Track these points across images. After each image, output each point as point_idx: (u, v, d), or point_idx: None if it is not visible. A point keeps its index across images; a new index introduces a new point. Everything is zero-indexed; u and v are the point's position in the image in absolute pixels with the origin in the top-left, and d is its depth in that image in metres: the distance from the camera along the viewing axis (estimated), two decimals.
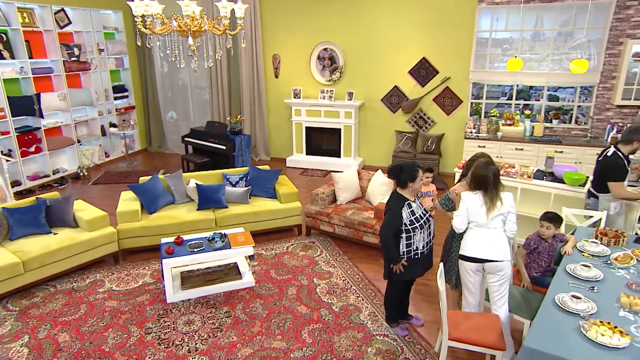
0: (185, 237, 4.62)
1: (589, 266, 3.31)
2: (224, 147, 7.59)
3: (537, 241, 3.73)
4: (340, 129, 8.41)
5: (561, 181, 5.13)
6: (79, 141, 8.40)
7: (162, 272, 4.41)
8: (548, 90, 7.64)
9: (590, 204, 4.56)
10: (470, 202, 3.31)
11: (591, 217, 4.39)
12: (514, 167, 5.55)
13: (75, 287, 4.63)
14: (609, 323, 2.69)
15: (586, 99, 7.44)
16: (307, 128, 8.65)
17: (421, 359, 3.56)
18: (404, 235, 3.41)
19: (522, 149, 7.21)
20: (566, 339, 2.62)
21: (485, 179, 3.25)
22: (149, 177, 5.70)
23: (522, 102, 7.81)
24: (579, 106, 7.48)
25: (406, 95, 8.15)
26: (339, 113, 8.32)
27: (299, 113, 8.58)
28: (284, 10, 8.47)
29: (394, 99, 8.26)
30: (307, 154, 8.81)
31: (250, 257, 4.59)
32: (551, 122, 7.58)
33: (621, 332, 2.61)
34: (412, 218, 3.40)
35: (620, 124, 7.06)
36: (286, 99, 8.74)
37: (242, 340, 3.78)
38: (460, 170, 4.45)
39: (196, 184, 5.60)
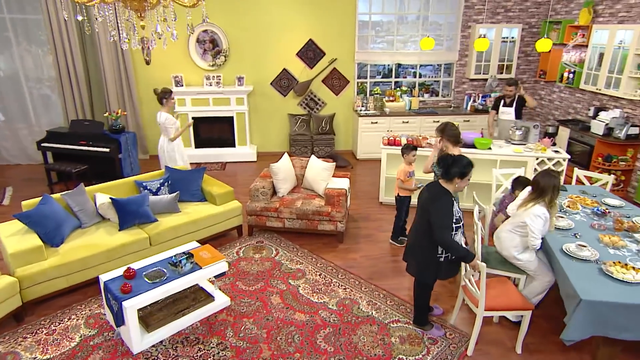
0: (135, 267, 3.50)
1: (562, 217, 3.69)
2: (107, 150, 6.04)
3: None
4: (232, 117, 7.59)
5: (472, 146, 5.63)
6: None
7: (116, 318, 3.26)
8: (413, 69, 8.28)
9: None
10: (523, 193, 3.64)
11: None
12: (427, 139, 5.86)
13: None
14: (619, 262, 3.02)
15: (442, 75, 8.32)
16: (194, 119, 7.54)
17: (439, 337, 3.49)
18: None
19: (407, 122, 7.69)
20: (604, 284, 2.85)
21: (540, 184, 3.33)
22: (38, 198, 4.14)
23: (393, 79, 8.27)
24: (436, 81, 8.33)
25: (296, 77, 7.79)
26: (229, 100, 7.46)
27: (182, 103, 7.39)
28: None
29: (284, 82, 7.82)
30: (196, 147, 7.73)
31: (220, 274, 3.76)
32: (423, 96, 8.27)
33: (633, 268, 2.96)
34: (458, 216, 3.08)
35: (474, 94, 8.13)
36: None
37: None
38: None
39: (111, 198, 4.30)
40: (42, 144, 6.32)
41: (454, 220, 3.04)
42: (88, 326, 3.54)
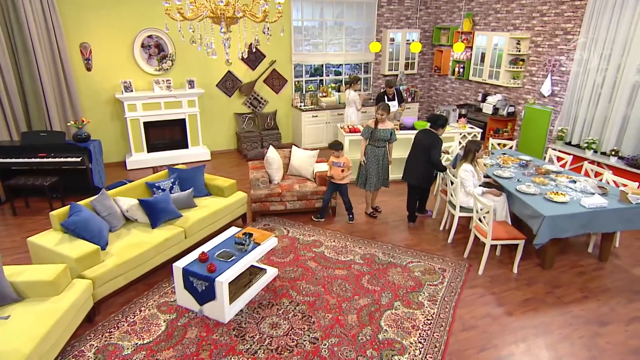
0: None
1: (507, 170, 5.15)
2: (78, 159, 5.79)
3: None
4: (184, 119, 7.72)
5: (412, 128, 6.96)
6: None
7: (202, 296, 3.64)
8: (333, 67, 9.41)
9: None
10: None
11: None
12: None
13: None
14: (553, 192, 4.54)
15: (362, 72, 9.63)
16: (144, 123, 7.47)
17: (446, 267, 4.63)
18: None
19: (342, 114, 8.77)
20: (551, 206, 4.30)
21: (466, 147, 4.88)
22: (65, 208, 4.11)
23: (325, 77, 9.30)
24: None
25: (240, 79, 8.25)
26: (181, 103, 7.59)
27: (133, 108, 7.27)
28: None
29: (229, 84, 8.20)
30: (148, 151, 7.64)
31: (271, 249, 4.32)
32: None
33: (561, 194, 4.49)
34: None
35: None
36: (111, 94, 7.21)
37: (337, 312, 3.82)
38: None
39: (139, 200, 4.44)
40: None
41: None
42: (164, 313, 3.81)
